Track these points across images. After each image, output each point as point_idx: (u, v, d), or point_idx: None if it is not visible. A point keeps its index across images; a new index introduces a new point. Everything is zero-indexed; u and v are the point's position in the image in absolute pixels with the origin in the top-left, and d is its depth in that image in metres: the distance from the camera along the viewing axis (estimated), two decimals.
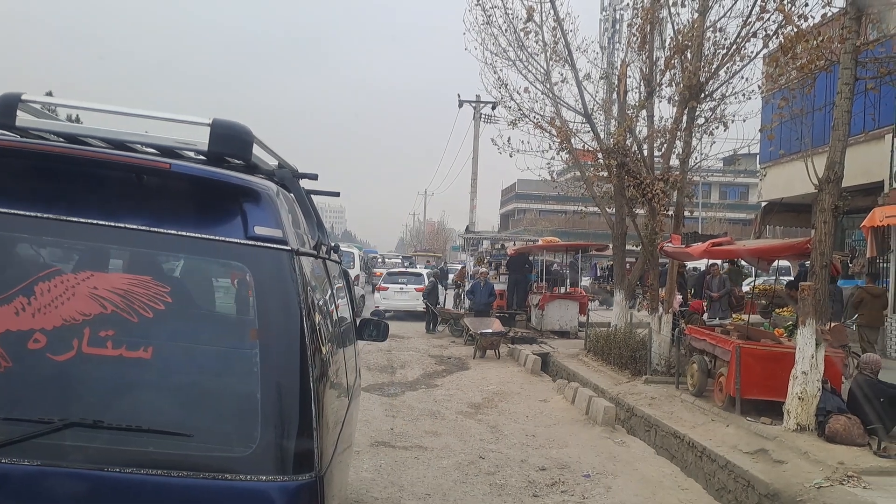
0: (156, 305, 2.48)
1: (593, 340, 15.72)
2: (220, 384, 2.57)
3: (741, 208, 59.14)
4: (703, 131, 14.84)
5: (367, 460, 8.13)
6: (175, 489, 2.32)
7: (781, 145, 16.61)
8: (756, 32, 12.80)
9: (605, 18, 30.82)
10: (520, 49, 17.09)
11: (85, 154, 2.64)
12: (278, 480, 2.38)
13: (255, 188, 2.70)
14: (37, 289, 2.42)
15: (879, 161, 16.01)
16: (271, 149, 3.25)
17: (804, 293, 8.74)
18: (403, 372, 14.68)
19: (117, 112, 2.96)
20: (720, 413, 9.67)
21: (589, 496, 7.48)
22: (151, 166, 2.65)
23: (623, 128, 14.62)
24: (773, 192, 21.11)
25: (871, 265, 16.90)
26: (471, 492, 7.36)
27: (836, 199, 8.62)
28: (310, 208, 3.60)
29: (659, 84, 14.91)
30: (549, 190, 35.75)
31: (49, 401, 2.40)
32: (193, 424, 2.42)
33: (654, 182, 13.78)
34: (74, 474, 2.30)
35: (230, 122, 2.72)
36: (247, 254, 2.58)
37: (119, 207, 2.58)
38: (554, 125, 16.76)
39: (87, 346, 2.40)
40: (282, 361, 2.51)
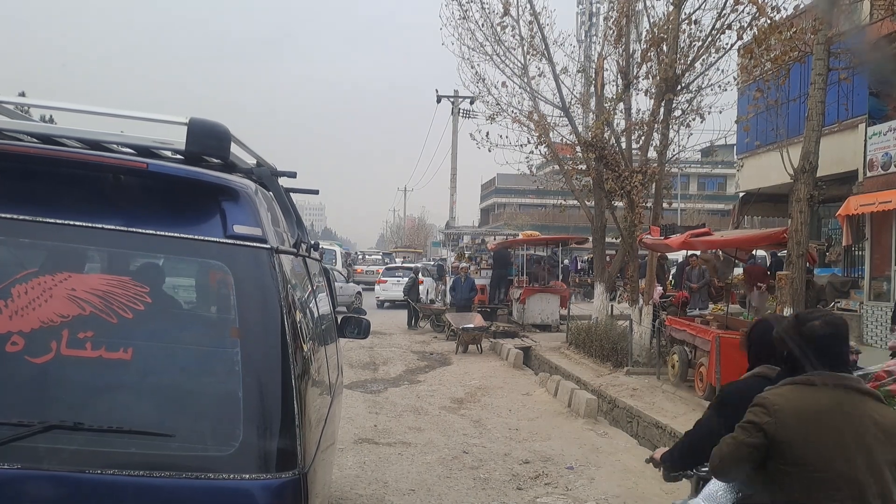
0: (135, 306, 2.47)
1: (574, 333, 15.79)
2: (202, 384, 2.56)
3: (719, 199, 59.60)
4: (680, 123, 14.98)
5: (350, 457, 8.13)
6: (157, 490, 2.31)
7: (757, 136, 16.76)
8: (730, 24, 12.94)
9: (582, 12, 30.88)
10: (497, 43, 17.14)
11: (61, 154, 2.62)
12: (261, 479, 2.38)
13: (234, 187, 2.69)
14: (13, 291, 2.40)
15: (853, 150, 16.19)
16: (249, 147, 3.23)
17: (781, 282, 8.84)
18: (386, 368, 14.67)
19: (92, 112, 2.94)
20: (701, 403, 9.75)
21: (572, 487, 7.52)
22: (128, 166, 2.63)
23: (601, 121, 14.70)
24: (750, 183, 21.29)
25: (847, 254, 17.11)
26: (455, 486, 7.38)
27: (812, 189, 8.72)
28: (289, 206, 3.60)
29: (636, 77, 15.01)
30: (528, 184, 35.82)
31: (28, 403, 2.38)
32: (175, 424, 2.41)
33: (632, 174, 13.86)
34: (55, 477, 2.29)
35: (207, 121, 2.70)
36: (226, 253, 2.57)
37: (96, 208, 2.56)
38: (532, 119, 16.83)
39: (65, 347, 2.39)
40: (263, 360, 2.51)
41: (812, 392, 2.87)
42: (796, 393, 2.89)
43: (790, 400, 2.87)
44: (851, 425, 2.81)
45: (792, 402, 2.86)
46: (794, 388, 2.91)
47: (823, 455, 2.77)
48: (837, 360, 2.95)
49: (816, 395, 2.86)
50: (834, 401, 2.85)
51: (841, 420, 2.82)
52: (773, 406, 2.86)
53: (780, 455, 2.82)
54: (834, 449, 2.78)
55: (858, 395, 2.90)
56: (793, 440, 2.80)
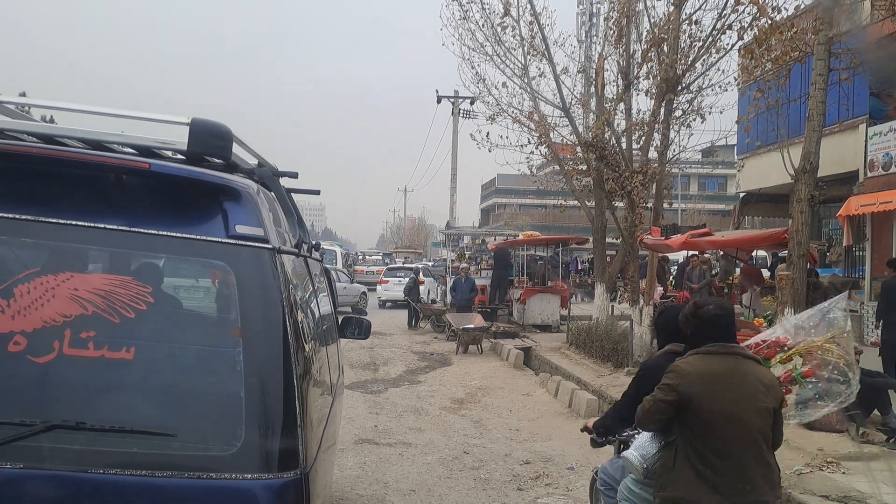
0: (137, 306, 2.47)
1: (575, 334, 15.77)
2: (204, 383, 2.56)
3: (720, 199, 59.59)
4: (680, 123, 14.96)
5: (351, 457, 8.13)
6: (159, 489, 2.32)
7: (758, 136, 16.74)
8: (731, 25, 12.93)
9: (582, 12, 30.82)
10: (497, 44, 17.14)
11: (63, 154, 2.62)
12: (263, 479, 2.38)
13: (236, 187, 2.70)
14: (16, 291, 2.40)
15: (854, 151, 16.19)
16: (251, 147, 3.24)
17: (782, 282, 8.84)
18: (386, 369, 14.67)
19: (94, 112, 2.94)
20: None
21: (573, 488, 7.51)
22: (130, 166, 2.63)
23: (601, 121, 14.69)
24: (750, 183, 21.28)
25: (848, 254, 17.10)
26: (455, 487, 7.38)
27: (812, 189, 8.72)
28: (290, 207, 3.60)
29: (636, 77, 14.99)
30: (528, 184, 35.80)
31: (31, 403, 2.38)
32: (177, 424, 2.42)
33: (632, 175, 13.85)
34: (57, 477, 2.29)
35: (209, 122, 2.70)
36: (228, 253, 2.58)
37: (98, 208, 2.56)
38: (532, 119, 16.82)
39: (68, 347, 2.39)
40: (265, 360, 2.51)
41: (711, 359, 3.80)
42: (699, 360, 3.81)
43: (695, 366, 3.79)
44: (740, 381, 3.76)
45: (696, 367, 3.78)
46: (698, 357, 3.83)
47: (721, 404, 3.69)
48: (727, 334, 3.90)
49: (714, 361, 3.80)
50: (727, 364, 3.80)
51: (732, 378, 3.77)
52: (682, 371, 3.78)
53: (690, 407, 3.70)
54: (728, 399, 3.71)
55: (744, 360, 3.88)
56: (698, 395, 3.70)
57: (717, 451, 3.68)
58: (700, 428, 3.71)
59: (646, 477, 4.04)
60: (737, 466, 3.68)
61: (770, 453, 3.82)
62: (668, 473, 3.82)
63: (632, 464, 4.08)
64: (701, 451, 3.70)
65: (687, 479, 3.71)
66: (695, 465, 3.70)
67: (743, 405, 3.72)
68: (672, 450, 3.83)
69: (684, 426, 3.76)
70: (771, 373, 4.24)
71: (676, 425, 3.80)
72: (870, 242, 15.63)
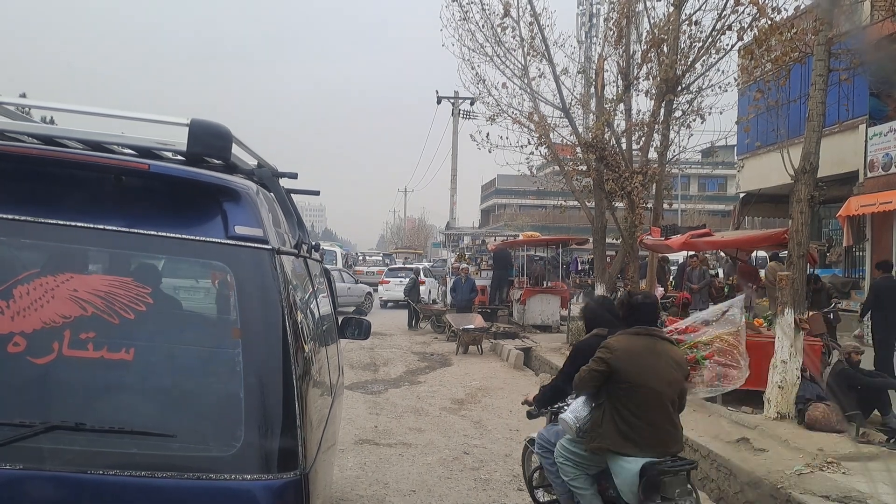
0: (137, 307, 2.47)
1: (575, 334, 15.77)
2: (203, 384, 2.56)
3: (720, 200, 59.62)
4: (680, 124, 14.97)
5: (351, 458, 8.13)
6: (159, 490, 2.32)
7: (758, 137, 16.75)
8: (731, 25, 12.94)
9: (582, 13, 30.80)
10: (497, 45, 17.13)
11: (62, 155, 2.62)
12: (263, 479, 2.38)
13: (235, 188, 2.69)
14: (15, 292, 2.40)
15: (854, 151, 16.19)
16: (250, 148, 3.24)
17: (782, 283, 8.83)
18: (386, 369, 14.67)
19: (93, 113, 2.94)
20: (702, 403, 9.74)
21: None
22: (130, 167, 2.63)
23: (601, 122, 14.68)
24: (750, 184, 21.28)
25: (848, 254, 17.10)
26: (455, 487, 7.38)
27: (812, 190, 8.71)
28: (290, 207, 3.60)
29: (636, 78, 15.00)
30: (528, 185, 35.80)
31: (30, 404, 2.38)
32: (177, 425, 2.41)
33: (632, 175, 13.85)
34: (57, 478, 2.29)
35: (209, 122, 2.70)
36: (228, 253, 2.58)
37: (98, 209, 2.56)
38: (532, 120, 16.81)
39: (67, 348, 2.39)
40: (264, 360, 2.51)
41: (635, 339, 4.82)
42: (625, 339, 4.82)
43: (622, 343, 4.79)
44: (656, 358, 4.75)
45: (623, 345, 4.77)
46: (625, 336, 4.85)
47: (641, 375, 4.66)
48: (651, 319, 5.03)
49: (637, 341, 4.80)
50: (647, 344, 4.80)
51: (650, 355, 4.75)
52: (612, 347, 4.76)
53: (616, 377, 4.68)
54: (647, 372, 4.68)
55: (661, 341, 4.94)
56: (624, 367, 4.67)
57: (635, 412, 4.66)
58: (623, 394, 4.68)
59: (578, 435, 4.96)
60: (650, 425, 4.65)
61: (676, 416, 4.82)
62: (596, 430, 4.79)
63: (567, 424, 4.99)
64: (623, 413, 4.67)
65: (612, 434, 4.68)
66: (618, 423, 4.67)
67: (658, 377, 4.70)
68: (600, 411, 4.79)
69: (610, 392, 4.74)
70: (681, 353, 5.42)
71: (604, 392, 4.77)
72: (870, 243, 15.63)
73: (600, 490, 4.99)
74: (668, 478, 4.59)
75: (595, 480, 5.00)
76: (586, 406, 4.95)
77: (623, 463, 4.64)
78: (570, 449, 5.04)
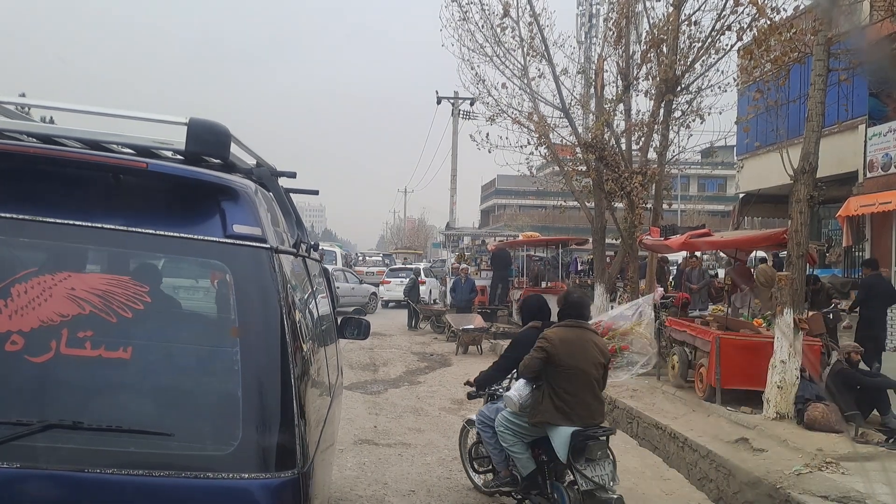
0: (135, 305, 2.47)
1: None
2: (201, 383, 2.56)
3: (719, 200, 59.61)
4: (679, 124, 14.96)
5: (350, 458, 8.13)
6: (157, 489, 2.32)
7: (757, 137, 16.77)
8: (730, 26, 12.95)
9: (582, 13, 30.84)
10: (497, 45, 17.12)
11: (61, 154, 2.62)
12: (260, 478, 2.38)
13: (234, 187, 2.69)
14: (13, 290, 2.40)
15: (853, 151, 16.21)
16: (249, 147, 3.24)
17: (781, 283, 8.83)
18: (386, 369, 14.67)
19: (92, 112, 2.93)
20: (701, 403, 9.75)
21: None
22: (128, 166, 2.63)
23: (601, 122, 14.68)
24: (750, 184, 21.29)
25: (847, 254, 17.11)
26: (455, 487, 7.38)
27: (812, 190, 8.71)
28: (289, 207, 3.60)
29: (636, 78, 15.00)
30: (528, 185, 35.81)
31: (27, 402, 2.38)
32: (174, 423, 2.41)
33: (632, 175, 13.84)
34: (54, 476, 2.29)
35: (207, 122, 2.70)
36: (226, 252, 2.58)
37: (97, 207, 2.56)
38: (532, 120, 16.80)
39: (65, 347, 2.39)
40: (262, 359, 2.51)
41: (568, 330, 5.83)
42: (560, 330, 5.83)
43: (558, 334, 5.78)
44: (584, 346, 5.77)
45: (559, 335, 5.77)
46: (560, 328, 5.86)
47: (573, 360, 5.66)
48: (582, 312, 6.02)
49: (570, 331, 5.81)
50: (577, 334, 5.82)
51: (581, 343, 5.77)
52: (550, 338, 5.74)
53: (553, 361, 5.65)
54: (577, 357, 5.68)
55: (588, 331, 5.98)
56: (559, 354, 5.64)
57: (568, 390, 5.65)
58: (558, 375, 5.67)
59: (520, 410, 5.91)
60: (580, 401, 5.67)
61: (600, 392, 5.91)
62: (537, 406, 5.77)
63: (512, 401, 5.91)
64: (558, 391, 5.67)
65: (549, 409, 5.67)
66: (554, 399, 5.66)
67: (586, 361, 5.72)
68: (540, 391, 5.79)
69: (548, 375, 5.72)
70: (604, 341, 6.59)
71: (543, 375, 5.74)
72: (869, 243, 15.66)
73: (533, 455, 6.00)
74: (592, 443, 5.57)
75: (529, 447, 6.00)
76: (527, 387, 5.92)
77: (558, 432, 5.63)
78: (512, 420, 6.00)
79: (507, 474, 6.30)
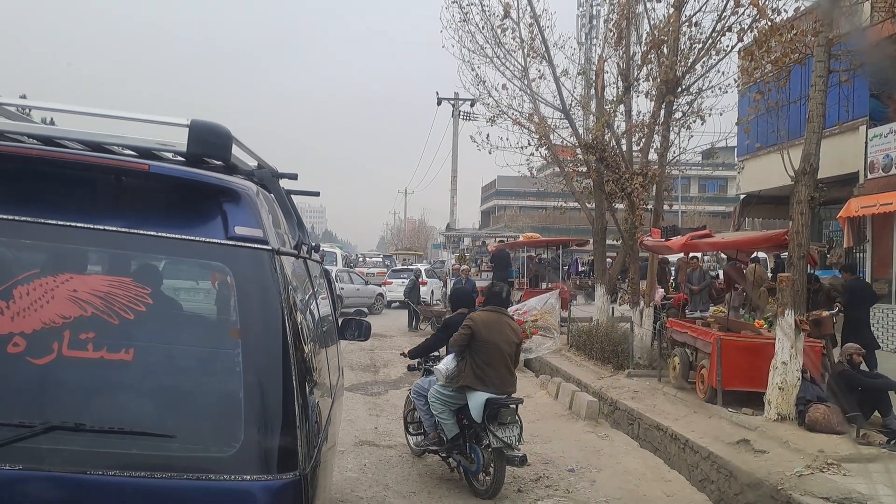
0: (136, 307, 2.46)
1: (575, 335, 15.77)
2: (203, 385, 2.56)
3: (720, 201, 59.57)
4: (680, 125, 14.93)
5: (351, 459, 8.13)
6: (158, 490, 2.31)
7: (758, 138, 16.76)
8: (731, 27, 12.92)
9: (582, 14, 30.87)
10: (497, 46, 17.13)
11: (62, 156, 2.62)
12: (262, 480, 2.38)
13: (235, 188, 2.69)
14: (15, 292, 2.40)
15: (854, 152, 16.21)
16: (250, 149, 3.23)
17: (782, 284, 8.83)
18: (386, 371, 14.66)
19: (93, 114, 2.93)
20: (702, 405, 9.75)
21: (573, 490, 7.51)
22: (130, 168, 2.62)
23: (601, 123, 14.67)
24: (751, 185, 21.29)
25: (848, 256, 17.10)
26: (456, 488, 7.38)
27: (813, 191, 8.70)
28: (290, 208, 3.60)
29: (636, 79, 14.97)
30: (529, 186, 35.80)
31: (30, 404, 2.38)
32: (176, 425, 2.41)
33: (632, 176, 13.83)
34: (56, 478, 2.29)
35: (209, 123, 2.70)
36: (228, 254, 2.57)
37: (98, 209, 2.55)
38: (532, 121, 16.81)
39: (67, 348, 2.38)
40: (264, 361, 2.50)
41: (489, 314, 7.28)
42: (483, 314, 7.30)
43: (480, 316, 7.24)
44: (501, 326, 7.18)
45: (481, 317, 7.21)
46: (483, 311, 7.38)
47: (491, 337, 7.03)
48: (500, 300, 7.58)
49: (491, 315, 7.26)
50: (496, 317, 7.26)
51: (498, 324, 7.18)
52: (474, 319, 7.17)
53: (475, 338, 7.02)
54: (494, 335, 7.06)
55: (506, 316, 7.45)
56: (480, 332, 7.02)
57: (486, 361, 7.00)
58: (479, 350, 7.02)
59: (447, 381, 7.21)
60: (495, 371, 7.01)
61: (513, 366, 7.28)
62: (460, 374, 7.09)
63: (441, 373, 7.25)
64: (478, 362, 7.00)
65: (470, 376, 6.99)
66: (474, 369, 6.99)
67: (501, 339, 7.11)
68: (464, 362, 7.10)
69: (471, 349, 7.05)
70: (517, 324, 7.99)
71: (467, 349, 7.07)
72: (870, 244, 15.64)
73: (457, 420, 7.28)
74: (503, 409, 6.92)
75: (454, 414, 7.27)
76: (454, 361, 7.21)
77: (475, 396, 6.94)
78: (441, 391, 7.29)
79: (435, 436, 7.55)
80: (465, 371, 7.01)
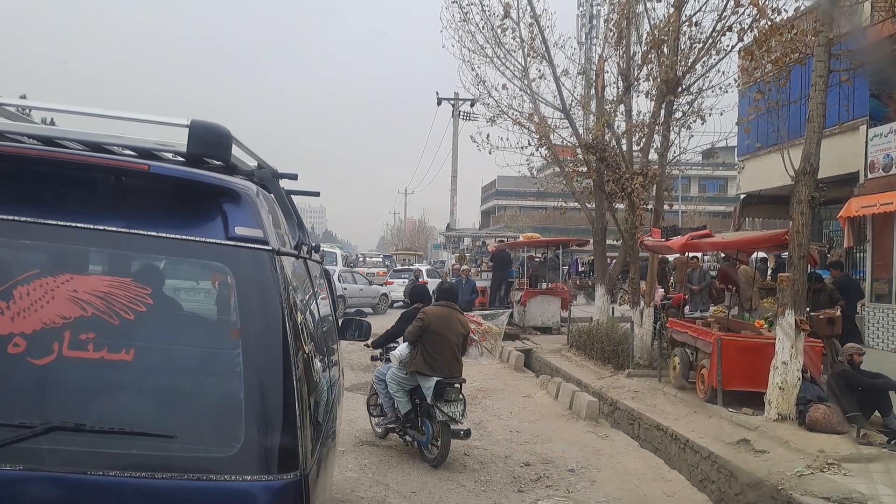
0: (137, 307, 2.46)
1: (575, 335, 15.77)
2: (203, 385, 2.55)
3: (720, 201, 59.51)
4: (680, 125, 14.94)
5: (352, 459, 8.13)
6: (159, 491, 2.31)
7: (758, 138, 16.75)
8: (731, 26, 12.93)
9: (582, 14, 30.86)
10: (497, 46, 17.15)
11: (62, 156, 2.61)
12: (263, 480, 2.37)
13: (235, 188, 2.68)
14: (15, 293, 2.39)
15: (854, 152, 16.19)
16: (250, 149, 3.23)
17: (783, 283, 8.83)
18: None
19: (93, 114, 2.93)
20: (702, 405, 9.75)
21: (574, 490, 7.51)
22: (130, 168, 2.62)
23: (601, 123, 14.67)
24: (751, 185, 21.26)
25: (848, 255, 17.09)
26: (456, 489, 7.38)
27: (813, 191, 8.71)
28: (290, 208, 3.59)
29: (636, 79, 14.98)
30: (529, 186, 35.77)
31: (30, 405, 2.37)
32: (177, 425, 2.40)
33: (633, 176, 13.83)
34: (57, 478, 2.28)
35: (209, 123, 2.69)
36: (228, 254, 2.57)
37: (98, 209, 2.55)
38: (533, 121, 16.82)
39: (67, 349, 2.38)
40: (264, 361, 2.50)
41: (440, 308, 8.28)
42: (435, 308, 8.32)
43: (433, 311, 8.24)
44: (450, 320, 8.16)
45: (434, 312, 8.21)
46: (434, 307, 8.39)
47: (440, 328, 8.02)
48: (451, 296, 8.53)
49: (441, 309, 8.26)
50: (447, 312, 8.24)
51: (448, 317, 8.15)
52: (427, 312, 8.18)
53: (428, 329, 7.98)
54: (444, 327, 8.04)
55: (455, 311, 8.39)
56: (432, 324, 7.99)
57: (436, 349, 7.93)
58: (430, 339, 7.95)
59: (401, 365, 8.14)
60: (443, 358, 7.94)
61: (460, 354, 8.20)
62: (413, 359, 8.02)
63: (396, 357, 8.15)
64: (429, 350, 7.93)
65: (421, 362, 7.92)
66: (425, 356, 7.92)
67: (450, 330, 8.05)
68: (416, 350, 8.00)
69: (423, 339, 7.97)
70: (465, 317, 8.74)
71: (420, 339, 7.98)
72: (870, 244, 15.61)
73: (410, 399, 8.25)
74: (449, 388, 7.88)
75: (408, 394, 8.25)
76: (408, 348, 8.10)
77: (426, 379, 7.90)
78: (397, 374, 8.26)
79: (392, 416, 8.57)
80: (416, 357, 7.98)
